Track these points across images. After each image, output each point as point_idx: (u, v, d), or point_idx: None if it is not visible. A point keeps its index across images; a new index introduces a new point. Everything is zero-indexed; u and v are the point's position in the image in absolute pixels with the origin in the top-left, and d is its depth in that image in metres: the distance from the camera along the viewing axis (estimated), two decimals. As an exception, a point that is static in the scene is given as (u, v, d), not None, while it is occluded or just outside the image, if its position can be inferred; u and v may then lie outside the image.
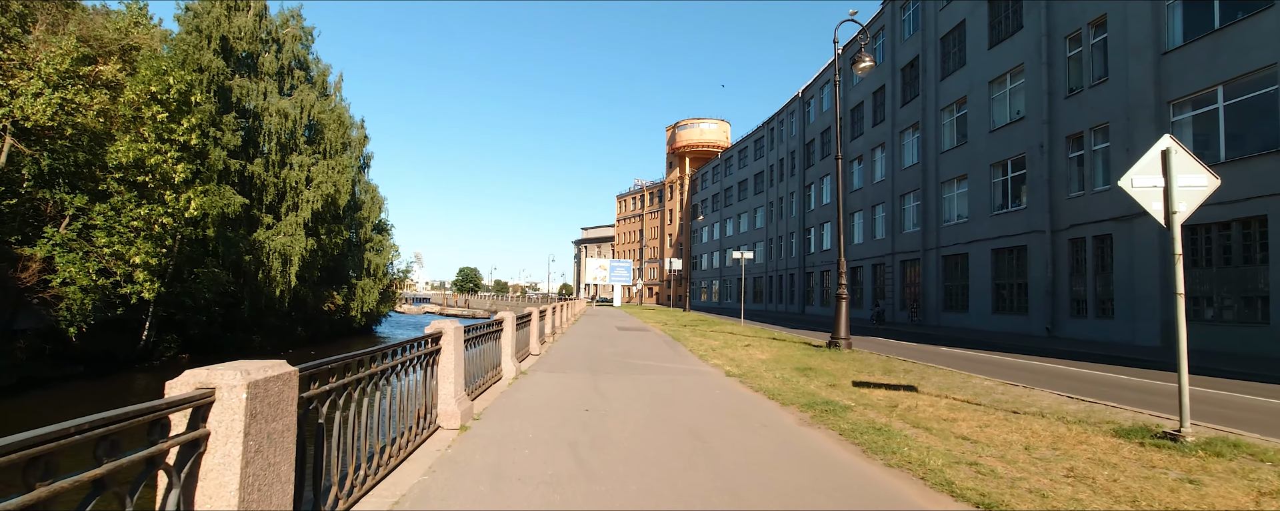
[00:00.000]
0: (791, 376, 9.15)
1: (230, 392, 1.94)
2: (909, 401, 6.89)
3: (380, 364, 3.65)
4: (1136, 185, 5.25)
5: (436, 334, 5.01)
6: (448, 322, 5.11)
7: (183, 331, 26.35)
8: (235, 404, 1.94)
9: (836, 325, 13.29)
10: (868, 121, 38.28)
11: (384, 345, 3.92)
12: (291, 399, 2.28)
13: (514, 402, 6.64)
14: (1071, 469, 4.19)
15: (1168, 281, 17.32)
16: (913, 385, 8.20)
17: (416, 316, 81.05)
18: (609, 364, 10.64)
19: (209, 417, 1.93)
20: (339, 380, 2.96)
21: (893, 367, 10.20)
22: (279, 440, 2.18)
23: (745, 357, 11.92)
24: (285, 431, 2.21)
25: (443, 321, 5.13)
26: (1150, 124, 17.92)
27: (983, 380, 8.72)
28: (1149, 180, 5.19)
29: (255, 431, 2.00)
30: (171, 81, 19.65)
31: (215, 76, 26.05)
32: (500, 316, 8.27)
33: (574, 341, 15.49)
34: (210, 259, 26.10)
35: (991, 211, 25.63)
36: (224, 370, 2.01)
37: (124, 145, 18.94)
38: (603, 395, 7.32)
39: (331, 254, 37.03)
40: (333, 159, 34.06)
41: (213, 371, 2.00)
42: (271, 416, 2.11)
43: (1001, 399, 7.12)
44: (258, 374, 2.03)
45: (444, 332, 5.09)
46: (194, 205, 20.77)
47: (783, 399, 7.20)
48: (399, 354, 4.17)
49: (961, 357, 14.21)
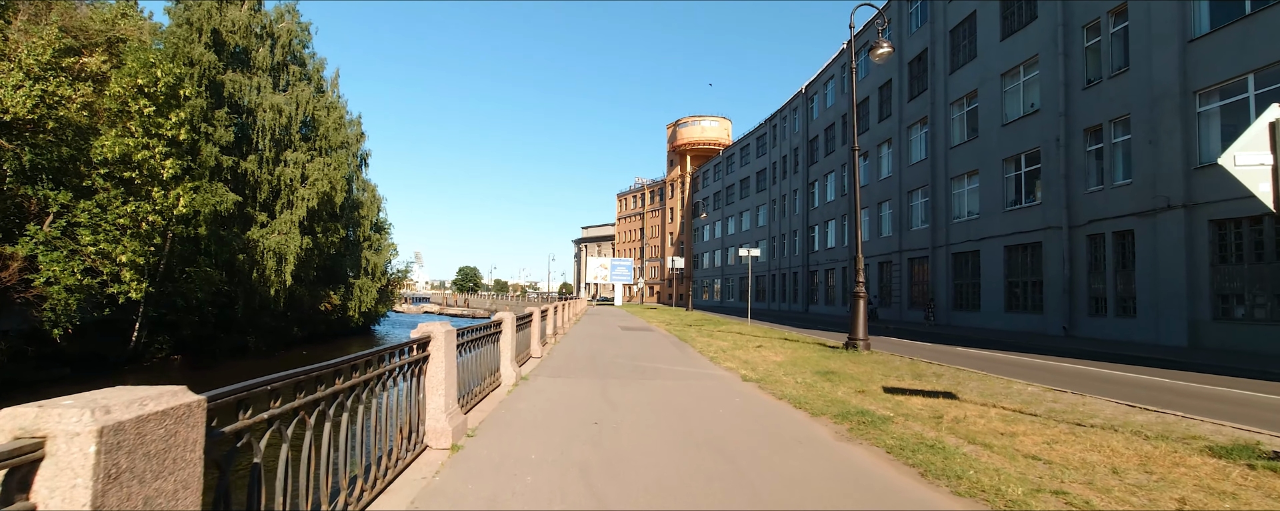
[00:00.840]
0: (814, 381, 8.46)
1: (70, 443, 1.24)
2: (954, 411, 6.19)
3: (347, 379, 2.95)
4: (1239, 163, 4.53)
5: (423, 339, 4.32)
6: (437, 325, 4.42)
7: (175, 332, 25.67)
8: (78, 461, 1.23)
9: (853, 325, 12.58)
10: (874, 117, 37.54)
11: (356, 355, 3.22)
12: (192, 442, 1.58)
13: (514, 414, 5.94)
14: (1183, 500, 3.50)
15: (1196, 279, 16.61)
16: (950, 391, 7.50)
17: (416, 316, 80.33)
18: (616, 367, 9.94)
19: (33, 485, 1.23)
20: (284, 404, 2.26)
21: (921, 371, 9.51)
22: (172, 502, 1.48)
23: (759, 360, 11.22)
24: (180, 489, 1.51)
25: (431, 324, 4.43)
26: (1175, 115, 17.22)
27: (1025, 386, 8.02)
28: (1254, 157, 4.46)
29: (117, 497, 1.30)
30: (160, 74, 18.94)
31: (206, 70, 25.35)
32: (499, 317, 7.58)
33: (577, 343, 14.80)
34: (202, 258, 25.41)
35: (1004, 207, 24.92)
36: (65, 408, 1.31)
37: (110, 140, 18.24)
38: (612, 404, 6.63)
39: (328, 253, 36.37)
40: (329, 156, 33.36)
41: (45, 409, 1.29)
42: (154, 472, 1.42)
43: (1056, 408, 6.42)
44: (123, 412, 1.33)
45: (433, 337, 4.39)
46: (183, 202, 20.07)
47: (811, 408, 6.50)
48: (376, 364, 3.47)
49: (984, 358, 13.51)
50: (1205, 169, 16.48)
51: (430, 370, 4.41)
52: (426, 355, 4.35)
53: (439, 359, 4.43)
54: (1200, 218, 16.60)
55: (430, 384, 4.42)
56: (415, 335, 4.30)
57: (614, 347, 13.51)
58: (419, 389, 4.32)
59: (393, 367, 3.71)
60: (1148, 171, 18.15)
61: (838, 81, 43.17)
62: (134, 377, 22.89)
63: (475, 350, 6.39)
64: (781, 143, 53.67)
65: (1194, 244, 16.71)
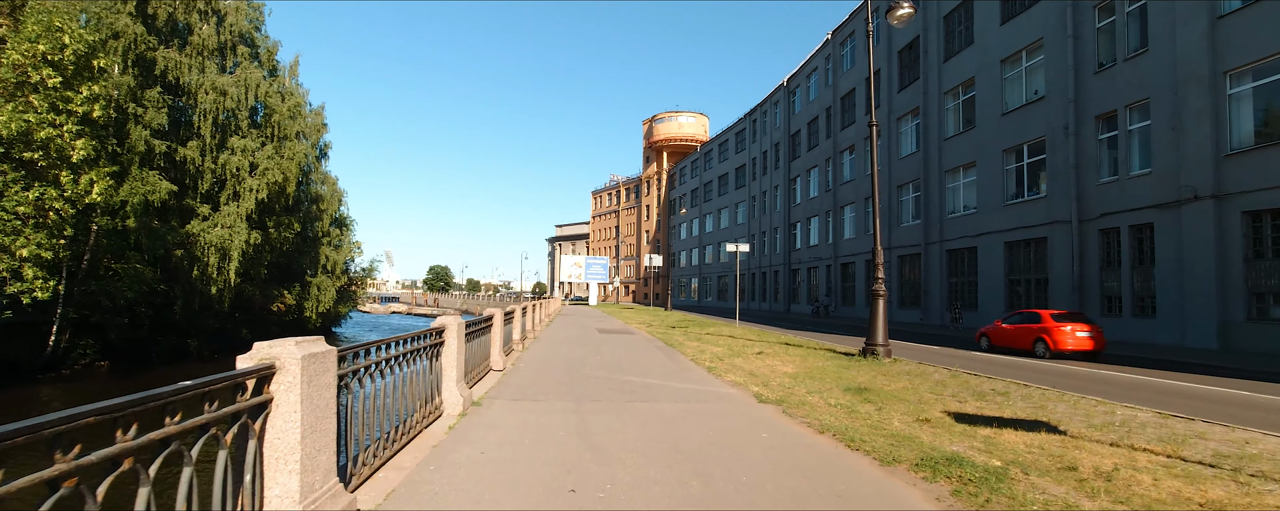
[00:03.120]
0: (850, 402, 6.63)
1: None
2: (1080, 454, 4.40)
3: None
4: None
5: (262, 368, 2.34)
6: (281, 346, 2.44)
7: (101, 335, 23.04)
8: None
9: (872, 329, 10.80)
10: (860, 108, 36.05)
11: None
12: None
13: (446, 480, 3.92)
14: None
15: (1227, 276, 15.23)
16: (1041, 419, 5.73)
17: (383, 317, 77.28)
18: (596, 384, 8.00)
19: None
20: None
21: (975, 387, 7.74)
22: None
23: (767, 371, 9.38)
24: None
25: (274, 345, 2.46)
26: (1204, 97, 15.83)
27: (1127, 410, 6.28)
28: None
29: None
30: (67, 40, 16.47)
31: (133, 43, 22.68)
32: (441, 323, 5.60)
33: (549, 349, 12.81)
34: (133, 253, 22.81)
35: (1005, 201, 23.52)
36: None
37: (6, 115, 15.71)
38: (596, 449, 4.70)
39: (282, 249, 33.68)
40: (282, 145, 30.76)
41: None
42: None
43: (1220, 450, 4.66)
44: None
45: (278, 363, 2.42)
46: (97, 189, 17.58)
47: (872, 448, 4.66)
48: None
49: (1010, 364, 11.87)
50: (1238, 155, 15.11)
51: (272, 427, 2.44)
52: (267, 402, 2.38)
53: (289, 401, 2.45)
54: (1232, 209, 15.22)
55: (272, 455, 2.44)
56: (248, 364, 2.33)
57: (593, 355, 11.55)
58: (259, 459, 2.35)
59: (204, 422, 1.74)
60: (1170, 159, 16.76)
61: (821, 73, 41.64)
62: (50, 387, 20.40)
63: (400, 371, 4.43)
64: (762, 138, 52.11)
65: (1225, 238, 15.33)
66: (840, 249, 37.51)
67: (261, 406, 2.37)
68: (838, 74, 38.86)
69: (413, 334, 4.78)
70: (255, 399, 2.33)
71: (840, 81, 38.44)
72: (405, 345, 4.53)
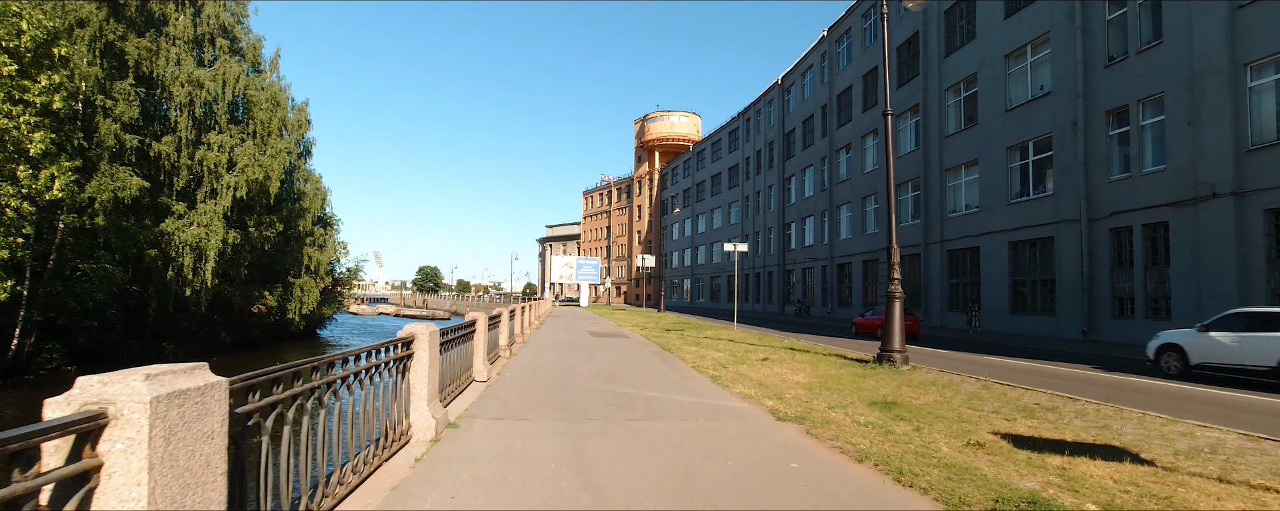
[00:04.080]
0: (880, 420, 5.82)
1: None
2: (1196, 497, 3.61)
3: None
4: None
5: (82, 418, 1.48)
6: (120, 382, 1.58)
7: (68, 339, 21.95)
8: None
9: (888, 334, 10.01)
10: (857, 106, 35.36)
11: None
12: None
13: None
14: None
15: (1249, 276, 14.58)
16: (1116, 444, 4.93)
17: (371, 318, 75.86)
18: (591, 398, 7.15)
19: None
20: None
21: (1017, 400, 6.94)
22: None
23: (777, 381, 8.56)
24: None
25: (108, 382, 1.60)
26: (1222, 91, 15.19)
27: (1209, 430, 5.49)
28: None
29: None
30: (24, 26, 15.46)
31: (100, 31, 21.59)
32: (409, 330, 4.74)
33: (539, 355, 11.95)
34: (103, 253, 21.73)
35: (1009, 200, 22.86)
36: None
37: (-43, 104, 14.71)
38: (594, 486, 3.85)
39: (263, 249, 32.55)
40: (263, 141, 29.68)
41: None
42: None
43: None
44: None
45: (109, 410, 1.56)
46: (59, 185, 16.56)
47: (929, 485, 3.84)
48: None
49: (1033, 371, 11.11)
50: (1259, 151, 14.46)
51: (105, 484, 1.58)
52: (89, 469, 1.52)
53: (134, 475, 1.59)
54: (1253, 206, 14.56)
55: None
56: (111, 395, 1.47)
57: (586, 362, 10.70)
58: None
59: None
60: (1186, 155, 16.12)
61: (817, 71, 40.96)
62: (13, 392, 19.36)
63: (356, 393, 3.58)
64: (755, 137, 51.39)
65: (1246, 236, 14.68)
66: (836, 249, 36.81)
67: (79, 478, 1.51)
68: (834, 71, 38.19)
69: (370, 347, 3.92)
70: (68, 468, 1.47)
71: (836, 79, 37.76)
72: (361, 361, 3.68)
